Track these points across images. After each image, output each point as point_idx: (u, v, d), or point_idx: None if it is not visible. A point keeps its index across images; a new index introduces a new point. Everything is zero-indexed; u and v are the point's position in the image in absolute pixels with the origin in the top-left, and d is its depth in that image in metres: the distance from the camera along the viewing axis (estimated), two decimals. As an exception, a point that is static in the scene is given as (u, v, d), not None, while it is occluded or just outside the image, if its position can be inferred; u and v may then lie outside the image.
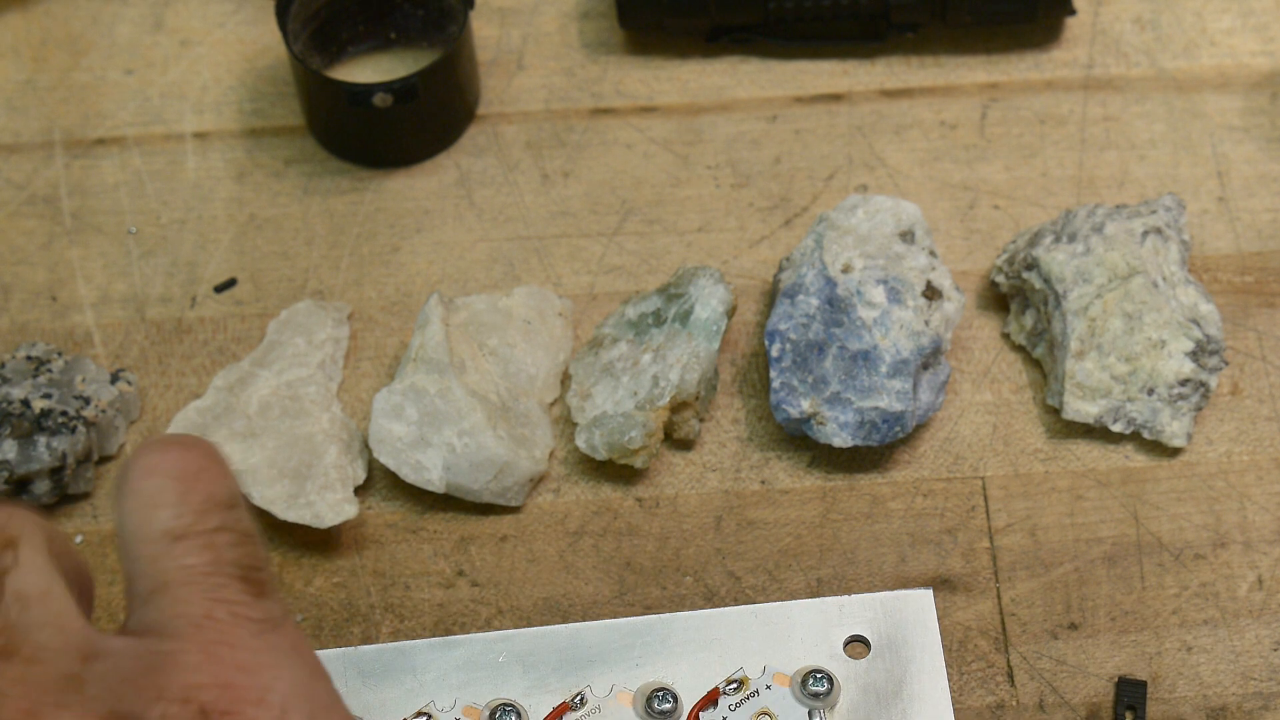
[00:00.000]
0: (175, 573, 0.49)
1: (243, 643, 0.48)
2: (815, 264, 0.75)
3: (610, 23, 0.87)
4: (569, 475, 0.75)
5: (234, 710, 0.47)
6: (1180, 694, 0.69)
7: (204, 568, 0.49)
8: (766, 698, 0.68)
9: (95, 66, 0.87)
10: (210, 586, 0.49)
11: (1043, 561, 0.72)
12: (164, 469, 0.51)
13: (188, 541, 0.50)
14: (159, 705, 0.46)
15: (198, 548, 0.50)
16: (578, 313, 0.79)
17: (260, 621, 0.49)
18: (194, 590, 0.49)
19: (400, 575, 0.72)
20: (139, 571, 0.50)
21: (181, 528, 0.50)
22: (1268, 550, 0.72)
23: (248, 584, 0.50)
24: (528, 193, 0.82)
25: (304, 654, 0.50)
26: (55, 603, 0.49)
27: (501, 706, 0.68)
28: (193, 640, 0.48)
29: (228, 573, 0.50)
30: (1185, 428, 0.74)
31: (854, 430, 0.73)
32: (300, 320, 0.78)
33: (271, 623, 0.50)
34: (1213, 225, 0.80)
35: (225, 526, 0.50)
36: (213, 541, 0.50)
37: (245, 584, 0.50)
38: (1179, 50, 0.85)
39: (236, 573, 0.50)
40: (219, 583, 0.49)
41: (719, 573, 0.72)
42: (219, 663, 0.47)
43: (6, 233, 0.82)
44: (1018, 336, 0.77)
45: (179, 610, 0.49)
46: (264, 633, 0.49)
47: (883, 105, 0.84)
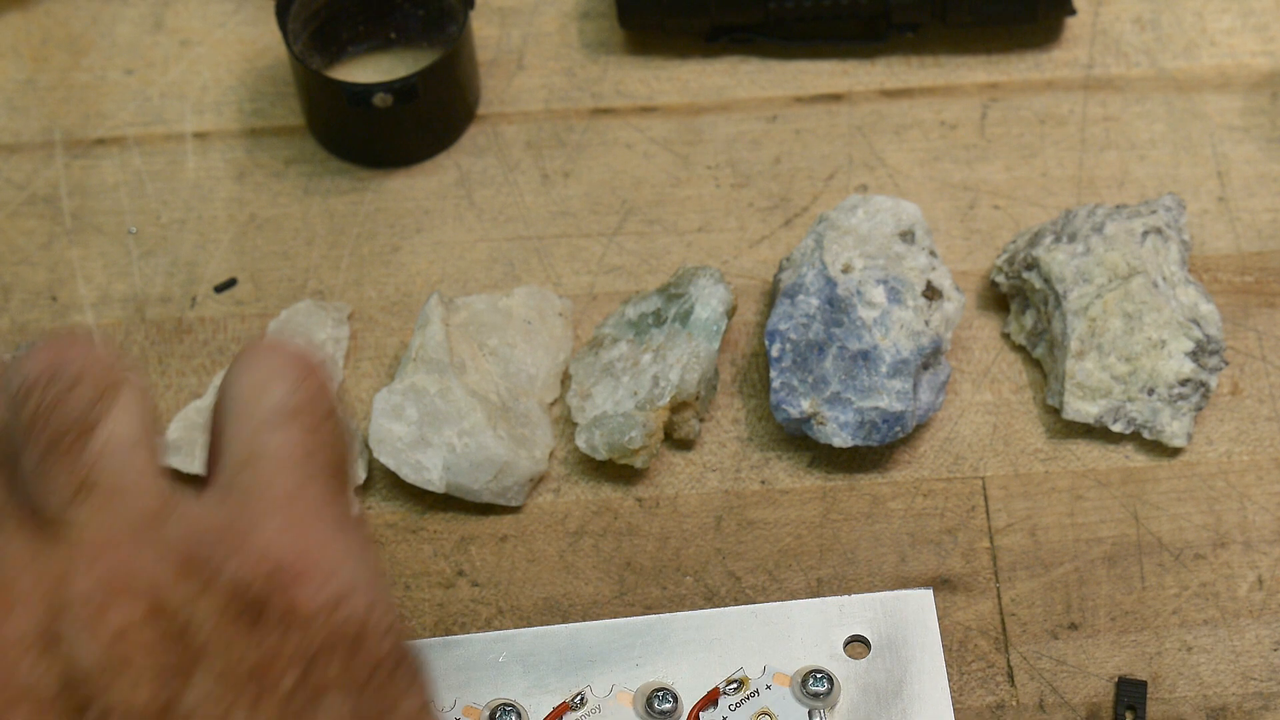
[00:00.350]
0: (277, 446, 0.50)
1: (324, 525, 0.49)
2: (815, 264, 0.75)
3: (610, 23, 0.87)
4: (569, 475, 0.75)
5: (306, 575, 0.48)
6: (1180, 694, 0.69)
7: (303, 451, 0.50)
8: (766, 698, 0.68)
9: (95, 66, 0.87)
10: (303, 471, 0.50)
11: (1043, 561, 0.72)
12: (283, 355, 0.52)
13: (298, 420, 0.51)
14: (235, 559, 0.47)
15: (303, 428, 0.51)
16: (578, 313, 0.79)
17: (341, 515, 0.50)
18: (290, 467, 0.50)
19: (400, 575, 0.72)
20: (239, 437, 0.51)
21: (292, 408, 0.51)
22: (1268, 550, 0.72)
23: (336, 479, 0.51)
24: (528, 193, 0.82)
25: (372, 555, 0.51)
26: (147, 451, 0.50)
27: (501, 706, 0.68)
28: (278, 511, 0.49)
29: (324, 461, 0.51)
30: (1185, 428, 0.74)
31: (854, 430, 0.73)
32: (300, 320, 0.78)
33: (349, 519, 0.51)
34: (1213, 225, 0.80)
35: (330, 418, 0.51)
36: (320, 427, 0.51)
37: (334, 478, 0.51)
38: (1179, 50, 0.85)
39: (328, 466, 0.51)
40: (311, 470, 0.50)
41: (719, 573, 0.72)
42: (298, 534, 0.49)
43: (6, 233, 0.82)
44: (1018, 336, 0.77)
45: (270, 482, 0.50)
46: (342, 525, 0.50)
47: (883, 105, 0.84)
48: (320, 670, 0.47)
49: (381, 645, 0.49)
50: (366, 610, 0.49)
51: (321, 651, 0.47)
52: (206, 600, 0.47)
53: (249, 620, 0.47)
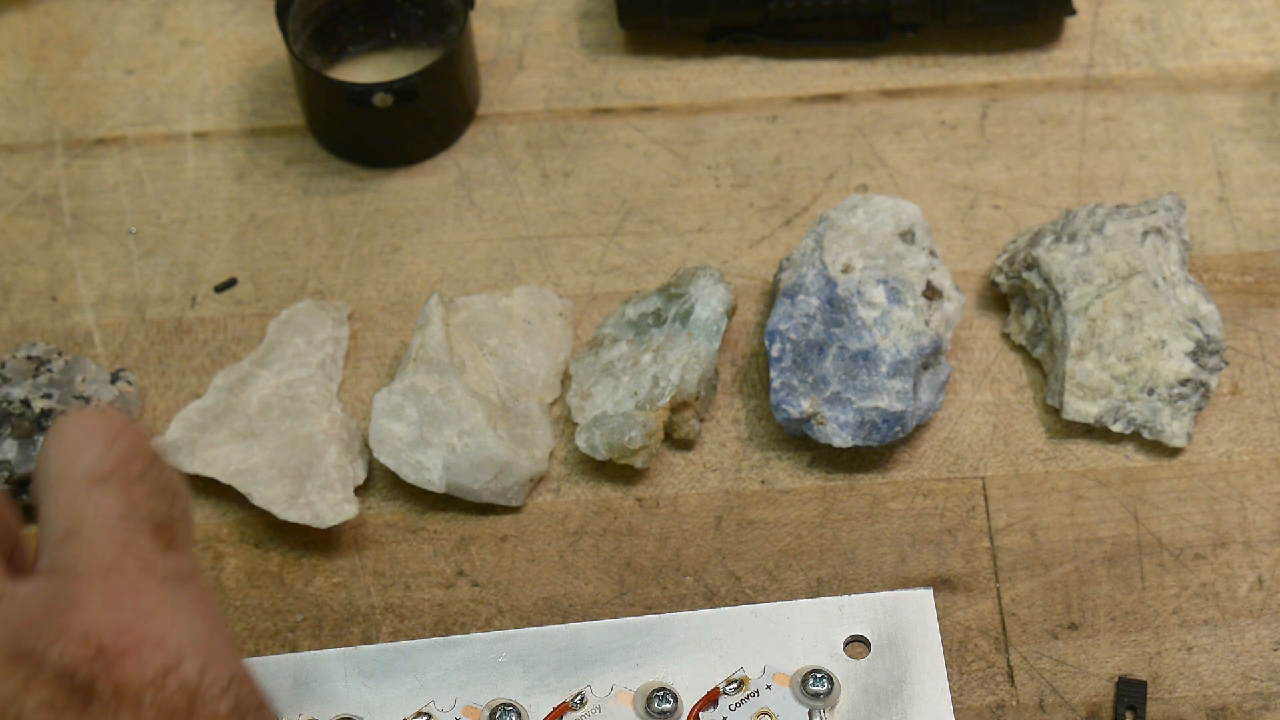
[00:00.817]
0: (91, 516, 0.50)
1: (147, 591, 0.49)
2: (815, 264, 0.75)
3: (610, 23, 0.87)
4: (569, 475, 0.75)
5: (131, 650, 0.48)
6: (1180, 694, 0.69)
7: (118, 515, 0.50)
8: (766, 698, 0.68)
9: (95, 66, 0.87)
10: (122, 534, 0.50)
11: (1043, 561, 0.72)
12: (92, 422, 0.52)
13: (107, 486, 0.51)
14: (59, 644, 0.47)
15: (115, 492, 0.51)
16: (578, 313, 0.79)
17: (166, 574, 0.50)
18: (106, 536, 0.50)
19: (400, 575, 0.72)
20: (55, 514, 0.51)
21: (104, 471, 0.51)
22: (1268, 550, 0.72)
23: (158, 536, 0.51)
24: (528, 193, 0.82)
25: (207, 608, 0.51)
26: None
27: (501, 706, 0.68)
28: (98, 585, 0.49)
29: (140, 523, 0.50)
30: (1185, 428, 0.74)
31: (854, 430, 0.73)
32: (300, 320, 0.78)
33: (178, 576, 0.50)
34: (1213, 225, 0.80)
35: (146, 475, 0.51)
36: (130, 490, 0.51)
37: (156, 536, 0.51)
38: (1179, 50, 0.85)
39: (149, 523, 0.51)
40: (130, 532, 0.50)
41: (719, 573, 0.72)
42: (121, 607, 0.48)
43: (6, 233, 0.82)
44: (1018, 336, 0.77)
45: (89, 554, 0.49)
46: (168, 585, 0.50)
47: (883, 105, 0.84)
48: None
49: (218, 708, 0.48)
50: (198, 675, 0.48)
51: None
52: (33, 694, 0.47)
53: (77, 707, 0.47)
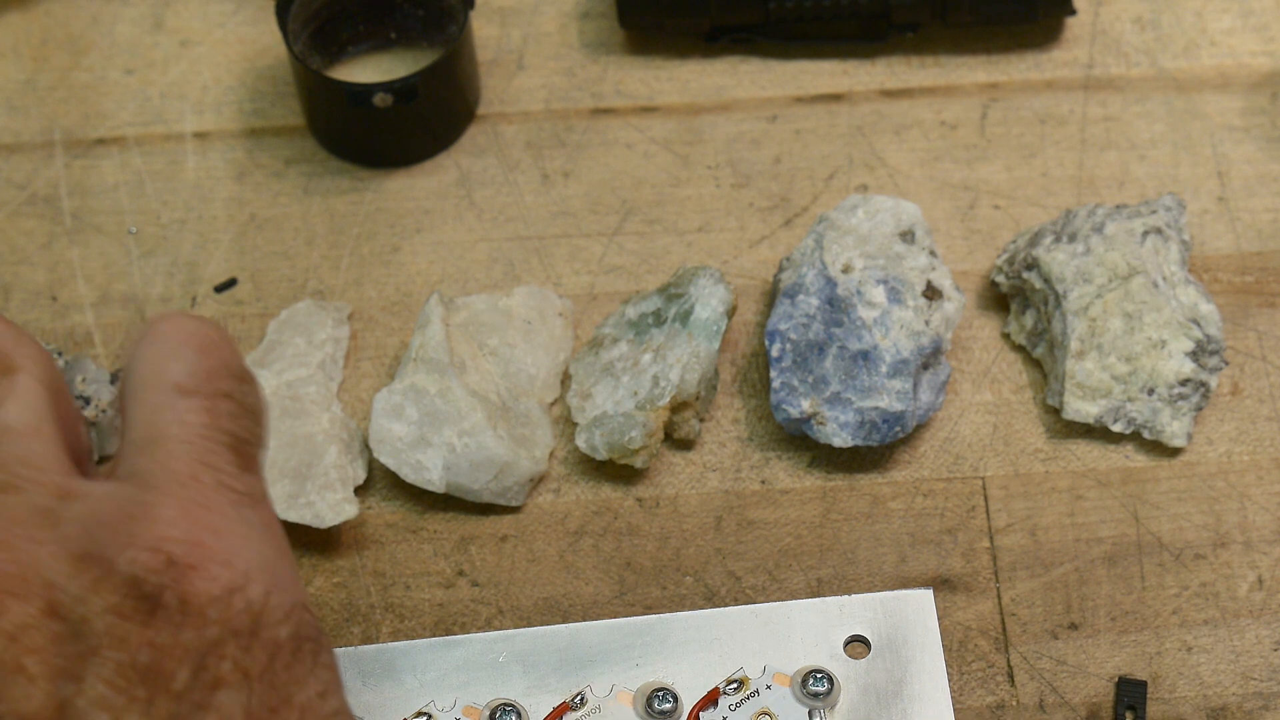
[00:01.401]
0: (173, 427, 0.50)
1: (220, 508, 0.49)
2: (815, 264, 0.75)
3: (610, 23, 0.87)
4: (569, 475, 0.75)
5: (200, 565, 0.48)
6: (1180, 694, 0.69)
7: (201, 429, 0.51)
8: (766, 698, 0.68)
9: (95, 66, 0.87)
10: (202, 449, 0.50)
11: (1043, 561, 0.72)
12: (187, 330, 0.52)
13: (193, 399, 0.51)
14: (130, 551, 0.48)
15: (200, 408, 0.51)
16: (578, 313, 0.79)
17: (241, 493, 0.50)
18: (186, 448, 0.50)
19: (400, 575, 0.72)
20: (139, 419, 0.51)
21: (191, 384, 0.51)
22: (1268, 550, 0.72)
23: (238, 455, 0.51)
24: (528, 193, 0.82)
25: (274, 533, 0.51)
26: (42, 440, 0.50)
27: (501, 706, 0.68)
28: (174, 495, 0.49)
29: (221, 439, 0.51)
30: (1185, 428, 0.74)
31: (854, 430, 0.73)
32: (300, 320, 0.78)
33: (251, 497, 0.51)
34: (1213, 225, 0.80)
35: (230, 394, 0.51)
36: (215, 405, 0.51)
37: (235, 454, 0.51)
38: (1179, 50, 0.85)
39: (229, 441, 0.51)
40: (211, 447, 0.50)
41: (719, 573, 0.72)
42: (194, 521, 0.49)
43: (6, 233, 0.82)
44: (1018, 336, 0.77)
45: (168, 464, 0.50)
46: (242, 504, 0.50)
47: (883, 105, 0.84)
48: (214, 665, 0.47)
49: (278, 633, 0.48)
50: (263, 597, 0.48)
51: (215, 645, 0.47)
52: (100, 596, 0.47)
53: (143, 616, 0.47)
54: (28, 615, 0.46)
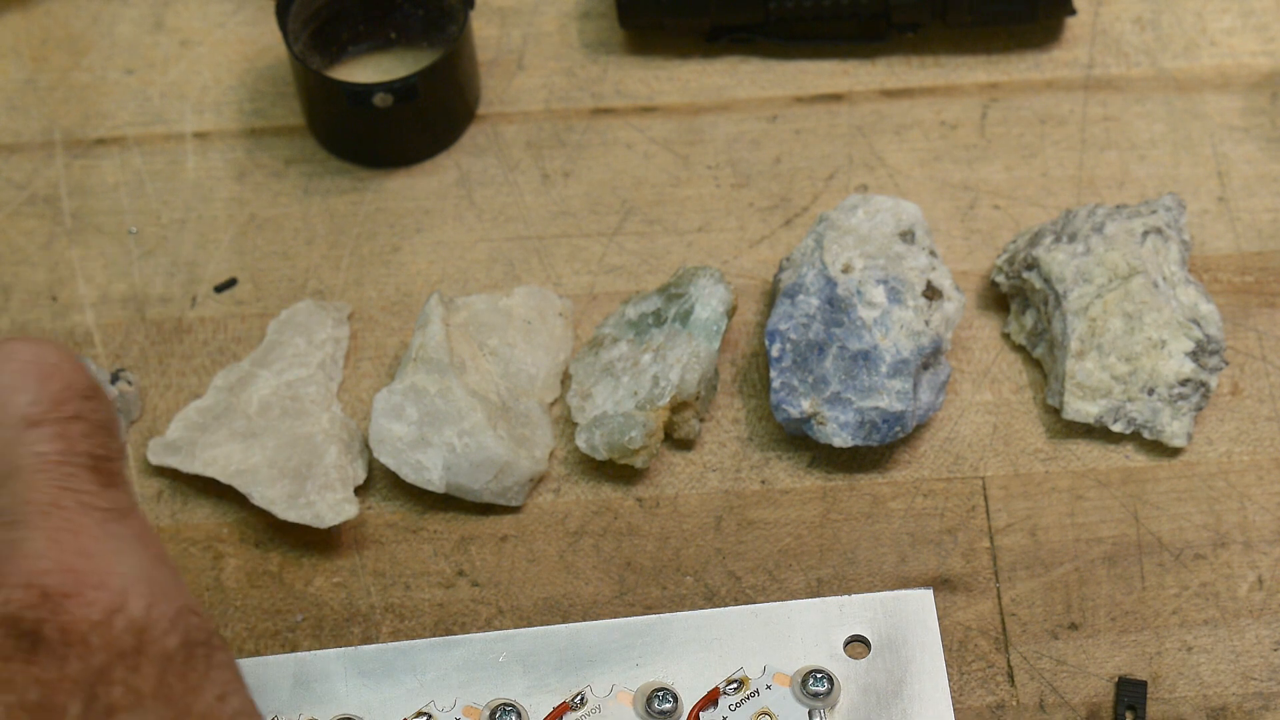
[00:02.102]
0: (27, 459, 0.50)
1: (87, 530, 0.49)
2: (815, 264, 0.75)
3: (610, 23, 0.87)
4: (569, 475, 0.75)
5: (75, 593, 0.47)
6: (1180, 694, 0.69)
7: (55, 455, 0.50)
8: (767, 698, 0.68)
9: (95, 66, 0.87)
10: (60, 475, 0.50)
11: (1043, 561, 0.72)
12: (23, 358, 0.51)
13: (42, 428, 0.50)
14: (3, 591, 0.47)
15: (51, 435, 0.50)
16: (578, 313, 0.79)
17: (106, 510, 0.50)
18: (43, 477, 0.50)
19: (400, 575, 0.72)
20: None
21: (37, 414, 0.50)
22: (1268, 550, 0.72)
23: (97, 473, 0.50)
24: (528, 193, 0.82)
25: (148, 542, 0.50)
26: None
27: (501, 706, 0.68)
28: (39, 527, 0.48)
29: (78, 462, 0.50)
30: (1185, 428, 0.74)
31: (854, 430, 0.73)
32: (300, 320, 0.78)
33: (118, 512, 0.50)
34: (1213, 225, 0.80)
35: (80, 415, 0.51)
36: (66, 430, 0.50)
37: (95, 473, 0.50)
38: (1179, 50, 0.85)
39: (87, 462, 0.50)
40: (69, 471, 0.50)
41: (719, 573, 0.72)
42: (62, 548, 0.48)
43: (6, 233, 0.82)
44: (1018, 336, 0.77)
45: (28, 497, 0.49)
46: (109, 521, 0.50)
47: (883, 105, 0.84)
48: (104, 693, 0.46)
49: (166, 644, 0.48)
50: (145, 611, 0.48)
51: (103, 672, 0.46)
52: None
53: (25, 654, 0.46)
54: None
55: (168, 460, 0.74)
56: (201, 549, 0.73)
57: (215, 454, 0.74)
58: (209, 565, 0.73)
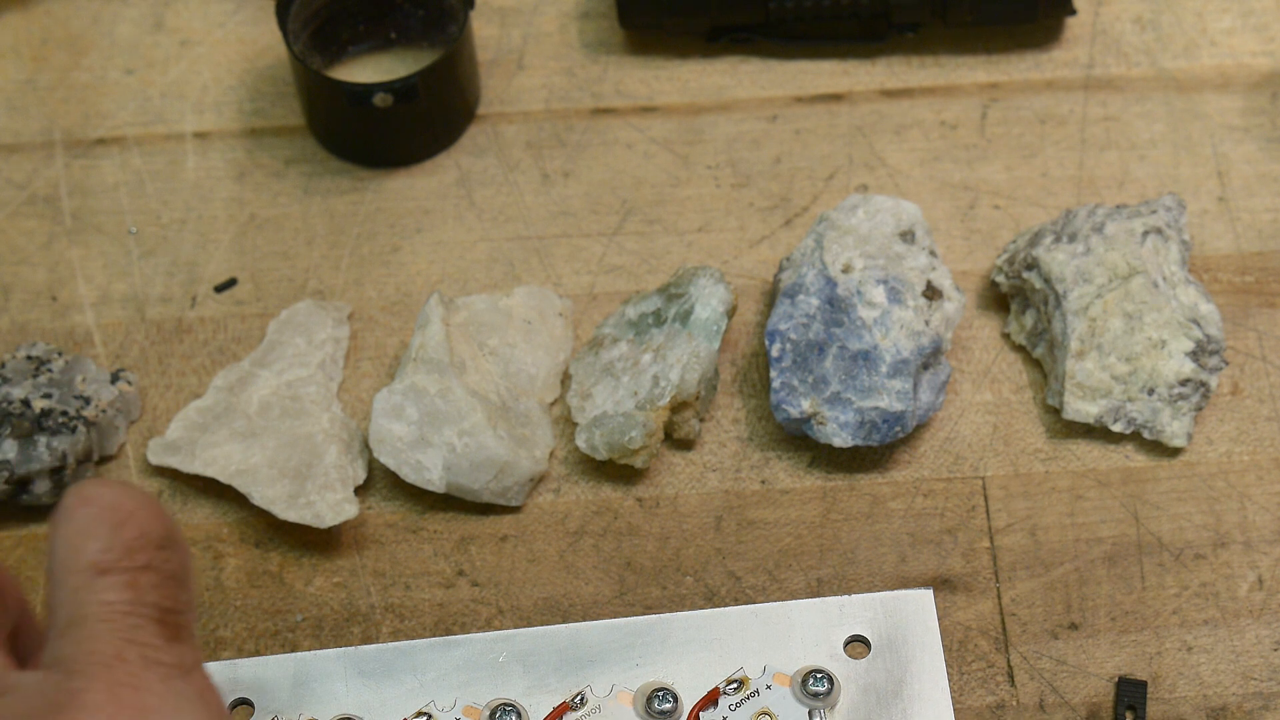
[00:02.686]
0: (94, 607, 0.49)
1: (149, 686, 0.48)
2: (815, 264, 0.75)
3: (610, 23, 0.87)
4: (569, 475, 0.75)
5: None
6: (1180, 694, 0.69)
7: (123, 606, 0.49)
8: (767, 698, 0.68)
9: (95, 66, 0.87)
10: (125, 626, 0.49)
11: (1043, 561, 0.72)
12: (101, 501, 0.50)
13: (111, 577, 0.50)
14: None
15: (120, 584, 0.50)
16: (578, 313, 0.79)
17: (170, 666, 0.49)
18: (108, 628, 0.49)
19: (400, 575, 0.72)
20: (61, 601, 0.50)
21: (108, 562, 0.50)
22: (1268, 550, 0.72)
23: (164, 626, 0.50)
24: (528, 193, 0.82)
25: (209, 702, 0.50)
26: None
27: (501, 706, 0.68)
28: (100, 680, 0.48)
29: (145, 614, 0.50)
30: (1185, 428, 0.74)
31: (854, 430, 0.73)
32: (300, 320, 0.78)
33: (182, 668, 0.50)
34: (1213, 225, 0.80)
35: (151, 566, 0.50)
36: (136, 580, 0.50)
37: (161, 626, 0.50)
38: (1179, 50, 0.85)
39: (154, 614, 0.50)
40: (135, 623, 0.49)
41: (719, 573, 0.72)
42: (121, 704, 0.48)
43: (6, 233, 0.82)
44: (1018, 336, 0.77)
45: (91, 647, 0.49)
46: (172, 678, 0.49)
47: (883, 105, 0.84)
48: None
49: None
50: None
51: None
52: None
53: None
54: None
55: (168, 460, 0.74)
56: (201, 549, 0.73)
57: (215, 454, 0.74)
58: (209, 565, 0.73)
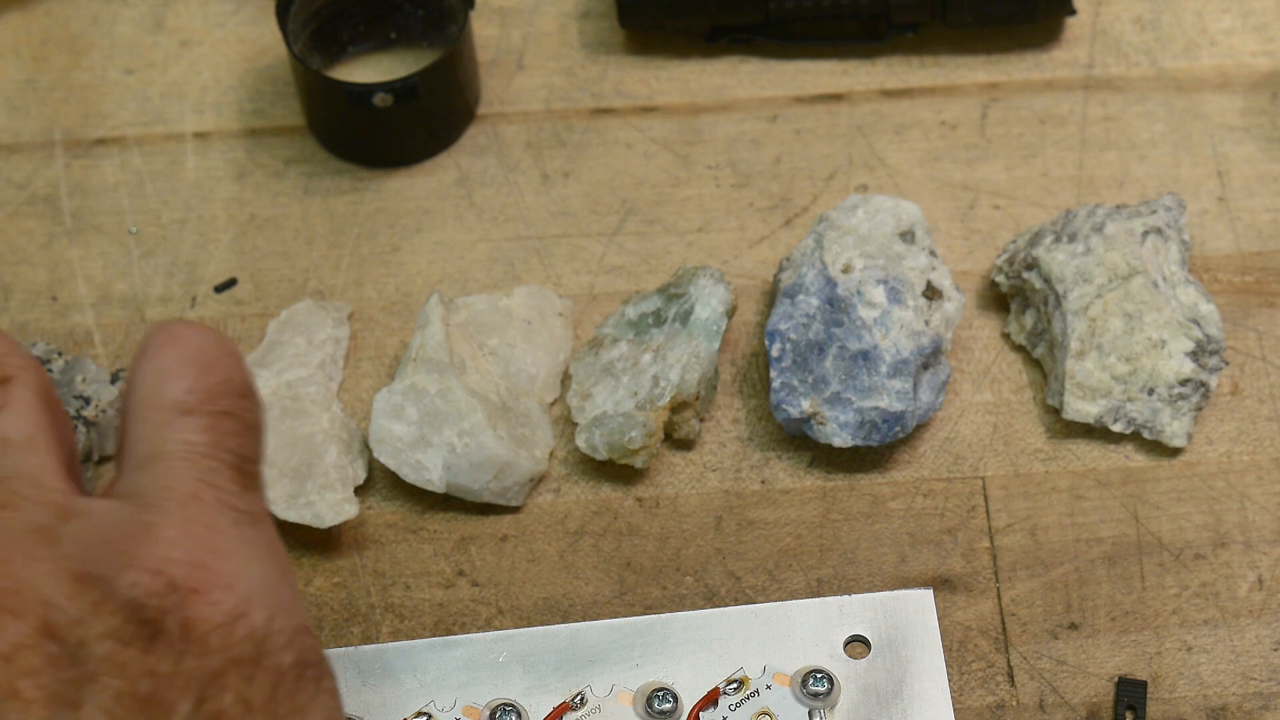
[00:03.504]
0: (174, 445, 0.49)
1: (222, 528, 0.48)
2: (815, 264, 0.75)
3: (610, 23, 0.87)
4: (569, 475, 0.75)
5: (201, 589, 0.47)
6: (1180, 694, 0.69)
7: (203, 448, 0.50)
8: (767, 698, 0.68)
9: (95, 66, 0.87)
10: (204, 468, 0.49)
11: (1043, 561, 0.72)
12: (189, 342, 0.51)
13: (194, 418, 0.50)
14: (130, 573, 0.46)
15: (202, 426, 0.50)
16: (578, 313, 0.79)
17: (243, 512, 0.49)
18: (187, 467, 0.49)
19: (400, 575, 0.72)
20: (139, 436, 0.50)
21: (192, 403, 0.50)
22: (1268, 550, 0.72)
23: (240, 473, 0.50)
24: (528, 193, 0.82)
25: (277, 553, 0.50)
26: (38, 454, 0.49)
27: (501, 706, 0.68)
28: (175, 515, 0.48)
29: (223, 458, 0.50)
30: (1185, 428, 0.74)
31: (854, 430, 0.73)
32: (300, 320, 0.78)
33: (253, 516, 0.50)
34: (1213, 225, 0.80)
35: (233, 412, 0.50)
36: (217, 424, 0.50)
37: (237, 473, 0.50)
38: (1179, 50, 0.85)
39: (231, 460, 0.50)
40: (212, 466, 0.49)
41: (719, 573, 0.72)
42: (195, 541, 0.48)
43: (6, 233, 0.82)
44: (1018, 336, 0.77)
45: (168, 483, 0.49)
46: (243, 524, 0.49)
47: (883, 105, 0.84)
48: (215, 696, 0.46)
49: (282, 659, 0.47)
50: (266, 623, 0.47)
51: (217, 675, 0.46)
52: (100, 619, 0.46)
53: (143, 641, 0.46)
54: (24, 635, 0.45)
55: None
56: (201, 549, 0.73)
57: (215, 454, 0.74)
58: (209, 565, 0.73)
